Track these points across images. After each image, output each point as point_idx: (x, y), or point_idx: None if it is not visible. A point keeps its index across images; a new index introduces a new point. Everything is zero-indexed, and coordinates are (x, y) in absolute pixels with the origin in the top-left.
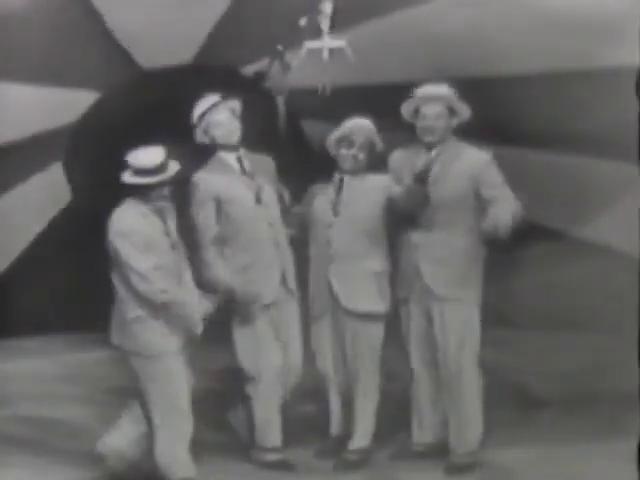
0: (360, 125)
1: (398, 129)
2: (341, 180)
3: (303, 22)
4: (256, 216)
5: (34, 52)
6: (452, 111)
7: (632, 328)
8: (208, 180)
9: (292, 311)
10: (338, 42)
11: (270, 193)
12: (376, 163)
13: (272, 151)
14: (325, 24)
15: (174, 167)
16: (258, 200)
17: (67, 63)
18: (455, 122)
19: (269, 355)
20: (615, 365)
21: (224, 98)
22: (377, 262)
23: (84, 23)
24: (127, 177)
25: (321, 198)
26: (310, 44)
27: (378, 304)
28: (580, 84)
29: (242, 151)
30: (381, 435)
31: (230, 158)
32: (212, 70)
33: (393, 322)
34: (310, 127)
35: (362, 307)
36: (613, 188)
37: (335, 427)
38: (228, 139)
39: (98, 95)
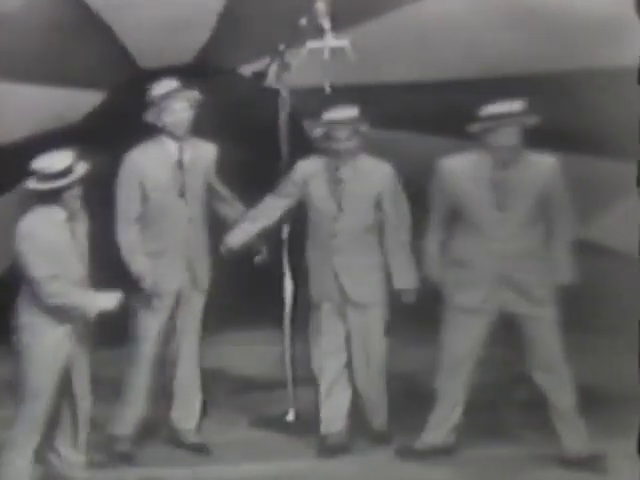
0: (340, 118)
1: (398, 129)
2: (337, 169)
3: (303, 22)
4: (176, 209)
5: (34, 52)
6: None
7: (632, 329)
8: (138, 162)
9: (195, 306)
10: (340, 41)
11: (197, 189)
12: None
13: (273, 150)
14: (326, 23)
15: (81, 169)
16: (182, 194)
17: (67, 63)
18: None
19: (145, 342)
20: (615, 366)
21: (183, 86)
22: (378, 254)
23: (84, 23)
24: (32, 184)
25: (319, 186)
26: (312, 44)
27: (381, 294)
28: (580, 84)
29: (187, 140)
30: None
31: (171, 146)
32: (212, 70)
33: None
34: (311, 127)
35: (368, 298)
36: (613, 188)
37: (328, 426)
38: (177, 128)
39: (98, 95)
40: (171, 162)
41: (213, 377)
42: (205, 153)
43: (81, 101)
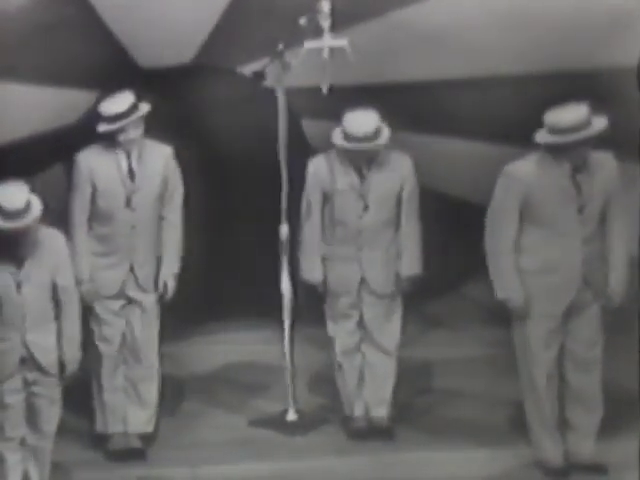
0: (362, 122)
1: (398, 129)
2: (360, 169)
3: (303, 21)
4: (121, 216)
5: (34, 52)
6: None
7: (632, 328)
8: (90, 163)
9: (147, 307)
10: (339, 41)
11: (146, 197)
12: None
13: (272, 150)
14: (325, 23)
15: (36, 210)
16: (128, 203)
17: (67, 63)
18: None
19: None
20: (615, 365)
21: (139, 101)
22: (396, 245)
23: (84, 23)
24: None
25: (343, 183)
26: (311, 43)
27: (396, 285)
28: (580, 84)
29: (139, 146)
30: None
31: (121, 155)
32: (212, 70)
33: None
34: (310, 127)
35: (389, 288)
36: None
37: (350, 408)
38: (131, 143)
39: (98, 95)
40: (121, 170)
41: (213, 377)
42: (159, 157)
43: (80, 101)
